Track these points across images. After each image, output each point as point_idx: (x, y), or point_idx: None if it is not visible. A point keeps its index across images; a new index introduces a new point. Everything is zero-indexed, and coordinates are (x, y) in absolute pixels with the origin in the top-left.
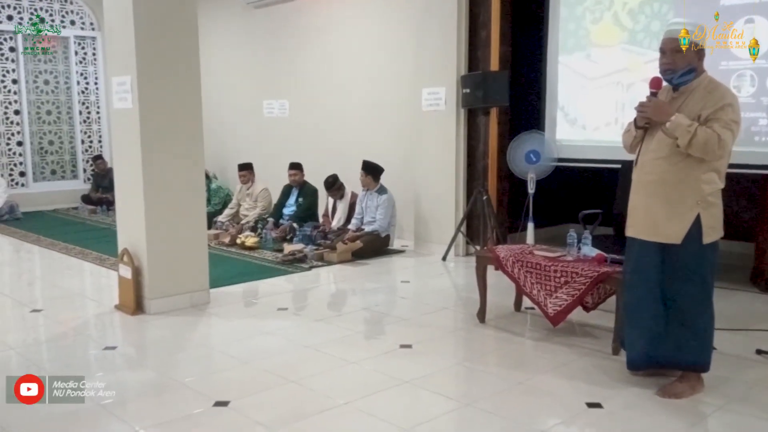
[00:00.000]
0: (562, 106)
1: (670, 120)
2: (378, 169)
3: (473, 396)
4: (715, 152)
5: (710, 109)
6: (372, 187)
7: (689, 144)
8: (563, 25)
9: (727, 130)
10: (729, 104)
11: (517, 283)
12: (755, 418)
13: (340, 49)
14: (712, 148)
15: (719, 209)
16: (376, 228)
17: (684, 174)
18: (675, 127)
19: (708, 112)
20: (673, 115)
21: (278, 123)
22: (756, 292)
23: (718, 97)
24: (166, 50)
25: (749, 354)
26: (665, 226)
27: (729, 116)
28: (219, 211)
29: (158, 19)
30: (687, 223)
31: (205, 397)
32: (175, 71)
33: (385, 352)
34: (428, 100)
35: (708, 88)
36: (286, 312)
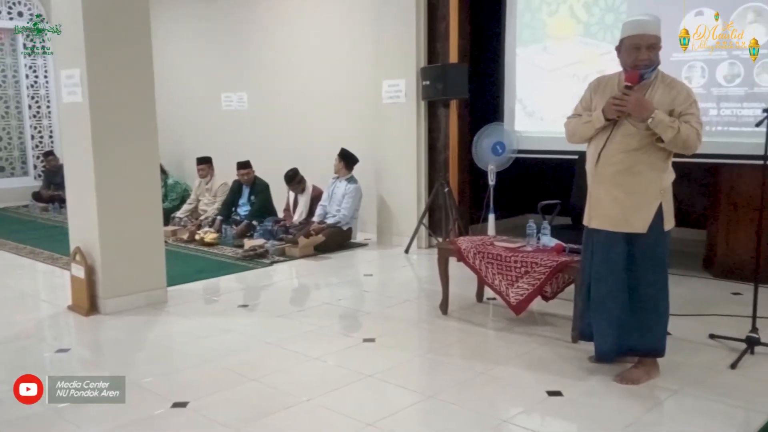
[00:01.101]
0: (521, 98)
1: (652, 117)
2: (352, 158)
3: (436, 388)
4: (696, 146)
5: (683, 105)
6: (343, 175)
7: (673, 139)
8: (520, 18)
9: (699, 124)
10: (695, 100)
11: (478, 274)
12: (709, 401)
13: (300, 40)
14: (693, 143)
15: (672, 198)
16: (339, 219)
17: (648, 166)
18: (657, 123)
19: (681, 108)
20: (654, 111)
21: (237, 116)
22: (708, 278)
23: (685, 93)
24: (117, 42)
25: (702, 339)
26: (632, 216)
27: (696, 110)
28: (177, 207)
29: (109, 10)
30: (651, 213)
31: (163, 398)
32: (126, 63)
33: (349, 346)
34: (388, 92)
35: (666, 82)
36: (247, 309)
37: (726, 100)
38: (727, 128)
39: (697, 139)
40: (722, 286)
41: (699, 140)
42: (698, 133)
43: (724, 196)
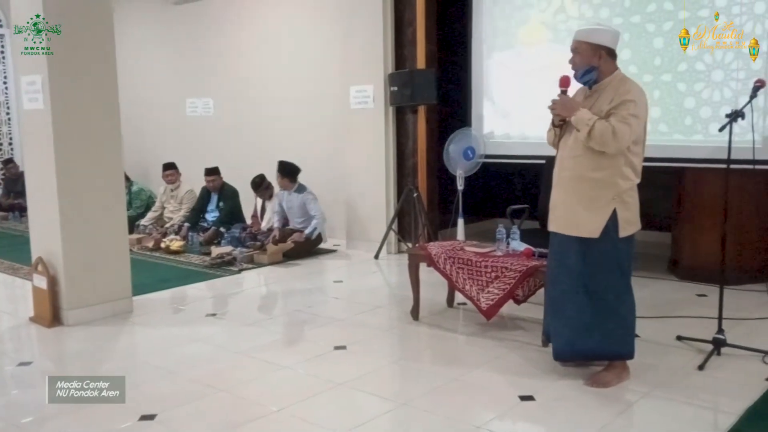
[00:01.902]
0: (488, 104)
1: (574, 115)
2: (294, 170)
3: (409, 395)
4: (610, 144)
5: (614, 103)
6: (289, 188)
7: (588, 136)
8: (487, 24)
9: (623, 123)
10: (631, 100)
11: (449, 280)
12: (678, 403)
13: (266, 46)
14: (607, 140)
15: (635, 204)
16: (315, 226)
17: (600, 170)
18: (577, 121)
19: (611, 106)
20: (578, 110)
21: (202, 122)
22: (674, 280)
23: (622, 92)
24: (80, 47)
25: (670, 340)
26: (583, 220)
27: (628, 111)
28: (141, 215)
29: (71, 14)
30: (604, 218)
31: (130, 410)
32: (89, 69)
33: (319, 354)
34: (356, 98)
35: (616, 86)
36: (215, 317)
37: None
38: (690, 136)
39: (611, 135)
40: (688, 288)
41: (614, 137)
42: (614, 130)
43: (689, 199)
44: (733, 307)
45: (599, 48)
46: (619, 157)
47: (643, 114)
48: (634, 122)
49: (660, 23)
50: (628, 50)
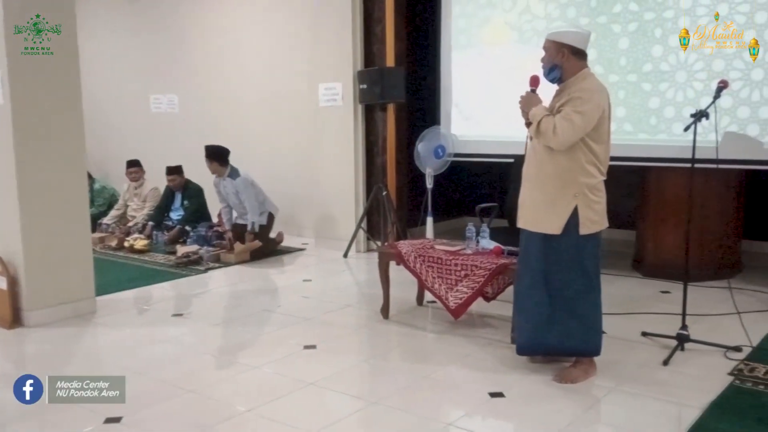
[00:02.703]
0: (457, 103)
1: (531, 111)
2: (220, 152)
3: (380, 394)
4: (551, 140)
5: (564, 99)
6: (222, 173)
7: (536, 132)
8: (455, 23)
9: (565, 120)
10: (578, 97)
11: (419, 278)
12: (645, 398)
13: (233, 41)
14: (548, 136)
15: (600, 202)
16: (252, 220)
17: (562, 167)
18: (532, 117)
19: (561, 102)
20: (535, 107)
21: (167, 118)
22: (638, 277)
23: (575, 90)
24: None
25: (635, 336)
26: (545, 217)
27: (574, 107)
28: (104, 213)
29: (31, 7)
30: (565, 215)
31: (94, 413)
32: (51, 64)
33: (289, 354)
34: (325, 95)
35: (575, 83)
36: (182, 318)
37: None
38: (654, 135)
39: (552, 131)
40: (651, 285)
41: (554, 133)
42: (554, 127)
43: (653, 197)
44: (696, 304)
45: (563, 47)
46: (579, 153)
47: (593, 111)
48: (576, 118)
49: (625, 24)
50: (594, 50)
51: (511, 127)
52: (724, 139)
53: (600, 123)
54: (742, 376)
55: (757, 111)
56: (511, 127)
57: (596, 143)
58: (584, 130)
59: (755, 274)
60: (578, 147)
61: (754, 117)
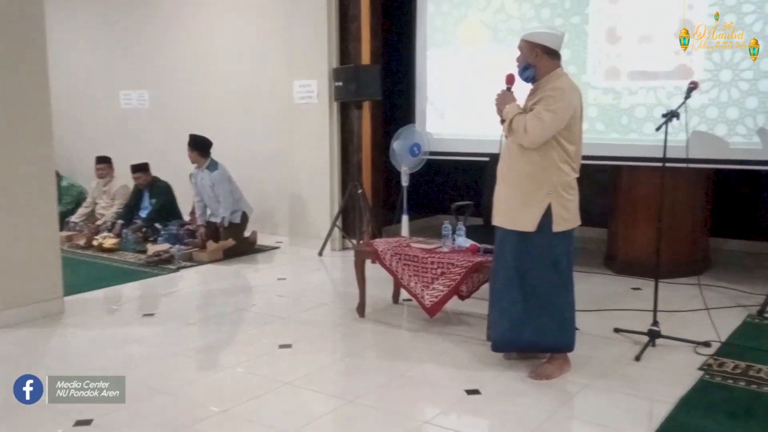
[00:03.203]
0: (432, 101)
1: (504, 109)
2: (204, 143)
3: (356, 392)
4: (522, 137)
5: (535, 99)
6: (201, 164)
7: (508, 130)
8: (431, 21)
9: (535, 118)
10: (549, 95)
11: (395, 276)
12: (618, 393)
13: (206, 37)
14: (519, 133)
15: (573, 200)
16: (224, 216)
17: (536, 166)
18: (506, 115)
19: (533, 102)
20: (509, 105)
21: (137, 115)
22: (610, 274)
23: (548, 89)
24: (7, 36)
25: (608, 333)
26: (520, 215)
27: (545, 106)
28: (72, 211)
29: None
30: (539, 213)
31: (64, 416)
32: (18, 59)
33: (264, 353)
34: (300, 92)
35: (548, 82)
36: (153, 318)
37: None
38: (626, 135)
39: (522, 129)
40: (623, 282)
41: (525, 131)
42: (525, 125)
43: (624, 196)
44: (666, 300)
45: (536, 46)
46: (552, 152)
47: (563, 110)
48: (547, 117)
49: (598, 25)
50: (567, 50)
51: (486, 126)
52: (692, 139)
53: (572, 122)
54: (711, 371)
55: (725, 111)
56: (486, 126)
57: (569, 142)
58: (555, 128)
59: (723, 271)
60: (552, 146)
61: (722, 117)
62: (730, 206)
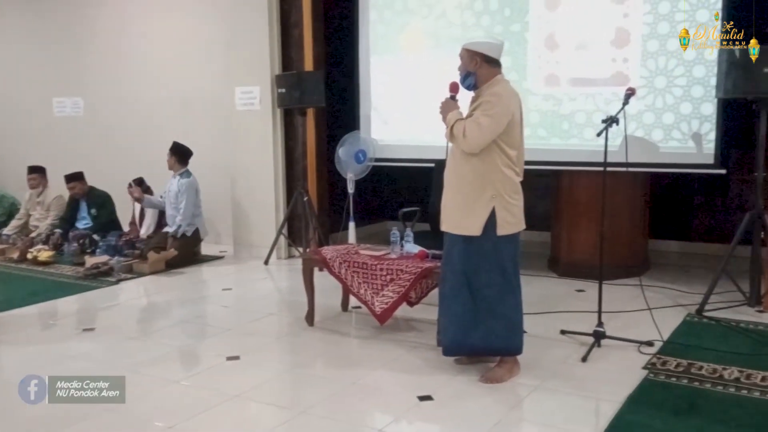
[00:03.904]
0: (376, 107)
1: (447, 116)
2: (185, 152)
3: (307, 402)
4: (462, 143)
5: (475, 105)
6: (177, 170)
7: (450, 136)
8: (373, 28)
9: (474, 123)
10: (487, 101)
11: (344, 284)
12: (566, 394)
13: (144, 43)
14: (459, 139)
15: (517, 203)
16: (179, 224)
17: (479, 170)
18: (448, 121)
19: (473, 108)
20: (451, 112)
21: (71, 122)
22: (554, 277)
23: (486, 94)
24: None
25: (554, 334)
26: (465, 219)
27: (483, 111)
28: (4, 223)
29: None
30: (484, 217)
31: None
32: None
33: (211, 366)
34: (242, 99)
35: (487, 89)
36: (94, 332)
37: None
38: (567, 140)
39: (462, 135)
40: (567, 284)
41: (464, 136)
42: (465, 130)
43: (566, 199)
44: (609, 301)
45: (476, 55)
46: (495, 157)
47: (501, 115)
48: (485, 122)
49: (537, 32)
50: (508, 58)
51: (430, 132)
52: (631, 144)
53: (511, 128)
54: (655, 370)
55: (661, 117)
56: (430, 132)
57: (510, 147)
58: (493, 132)
59: (662, 272)
60: (494, 150)
61: (659, 122)
62: (666, 209)
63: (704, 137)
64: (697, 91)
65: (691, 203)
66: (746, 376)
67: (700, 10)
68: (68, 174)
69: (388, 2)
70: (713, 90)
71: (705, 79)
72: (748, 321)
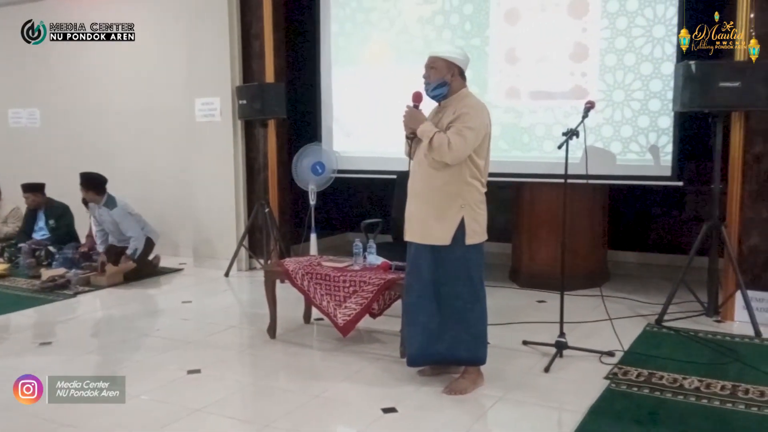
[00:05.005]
0: (337, 119)
1: (419, 127)
2: (98, 181)
3: (270, 416)
4: (446, 155)
5: (454, 116)
6: (98, 202)
7: (429, 148)
8: (335, 40)
9: (457, 135)
10: (466, 113)
11: (307, 296)
12: (530, 405)
13: (102, 54)
14: (443, 151)
15: (483, 213)
16: (135, 248)
17: (448, 181)
18: (421, 133)
19: (451, 119)
20: (423, 123)
21: (27, 134)
22: (515, 288)
23: (461, 106)
24: None
25: (517, 345)
26: (434, 229)
27: (464, 123)
28: None
29: None
30: (453, 226)
31: None
32: None
33: (171, 380)
34: (202, 110)
35: (458, 100)
36: (50, 346)
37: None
38: (527, 153)
39: (447, 147)
40: (528, 295)
41: (449, 148)
42: (449, 141)
43: (526, 211)
44: (570, 312)
45: (453, 66)
46: (464, 168)
47: (480, 127)
48: (468, 134)
49: (497, 46)
50: (470, 71)
51: (391, 144)
52: (590, 156)
53: (483, 139)
54: (617, 380)
55: (619, 130)
56: (391, 144)
57: (479, 158)
58: (474, 144)
59: (621, 282)
60: (463, 162)
61: (617, 135)
62: (625, 220)
63: (661, 150)
64: (654, 104)
65: (648, 215)
66: (706, 385)
67: (657, 25)
68: (26, 184)
69: (350, 15)
70: (670, 104)
71: (662, 92)
72: (707, 331)
